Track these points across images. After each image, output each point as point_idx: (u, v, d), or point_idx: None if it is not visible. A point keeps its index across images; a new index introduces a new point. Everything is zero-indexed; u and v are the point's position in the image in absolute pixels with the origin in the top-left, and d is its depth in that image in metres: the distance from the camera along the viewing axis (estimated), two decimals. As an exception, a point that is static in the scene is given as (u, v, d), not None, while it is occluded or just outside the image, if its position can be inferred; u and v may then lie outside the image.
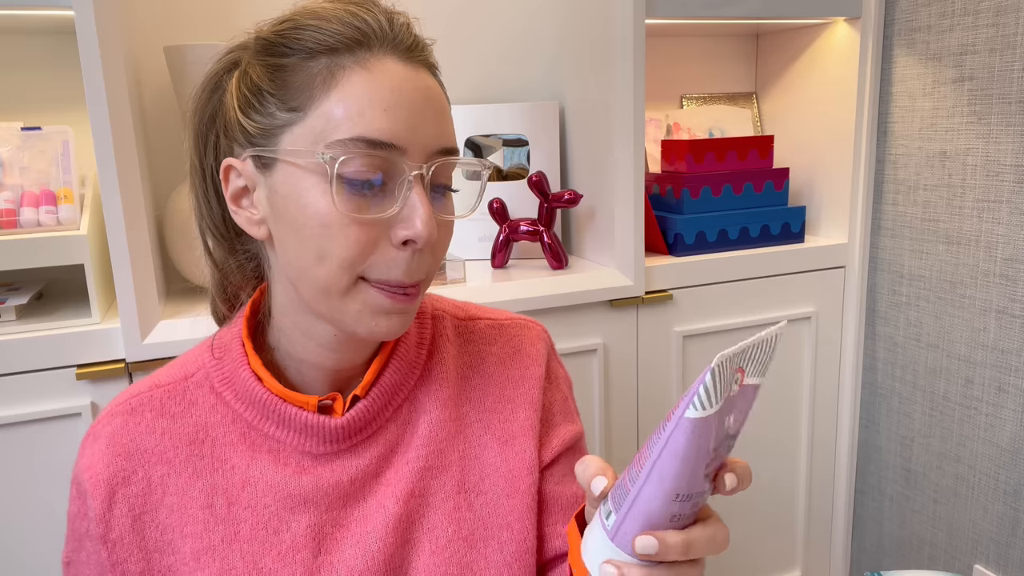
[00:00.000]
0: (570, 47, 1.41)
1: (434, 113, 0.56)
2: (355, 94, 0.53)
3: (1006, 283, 1.27)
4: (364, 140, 0.53)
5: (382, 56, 0.55)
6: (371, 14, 0.56)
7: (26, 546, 1.02)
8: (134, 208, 1.00)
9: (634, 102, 1.24)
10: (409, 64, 0.56)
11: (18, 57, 1.20)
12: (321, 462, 0.61)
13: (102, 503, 0.59)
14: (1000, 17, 1.23)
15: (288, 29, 0.55)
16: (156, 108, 1.27)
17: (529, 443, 0.66)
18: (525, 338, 0.71)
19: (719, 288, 1.38)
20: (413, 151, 0.54)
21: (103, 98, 0.95)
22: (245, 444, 0.61)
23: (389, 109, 0.53)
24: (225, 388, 0.62)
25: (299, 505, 0.60)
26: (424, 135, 0.55)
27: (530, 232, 1.34)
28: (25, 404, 0.99)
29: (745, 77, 1.68)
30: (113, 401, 0.64)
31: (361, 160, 0.53)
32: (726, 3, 1.31)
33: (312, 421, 0.60)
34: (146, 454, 0.60)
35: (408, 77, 0.55)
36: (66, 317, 1.04)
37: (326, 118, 0.53)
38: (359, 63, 0.54)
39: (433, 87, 0.57)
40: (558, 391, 0.72)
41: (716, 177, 1.39)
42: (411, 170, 0.54)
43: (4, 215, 1.00)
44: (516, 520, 0.64)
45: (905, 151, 1.42)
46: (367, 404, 0.62)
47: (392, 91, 0.54)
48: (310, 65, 0.54)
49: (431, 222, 0.54)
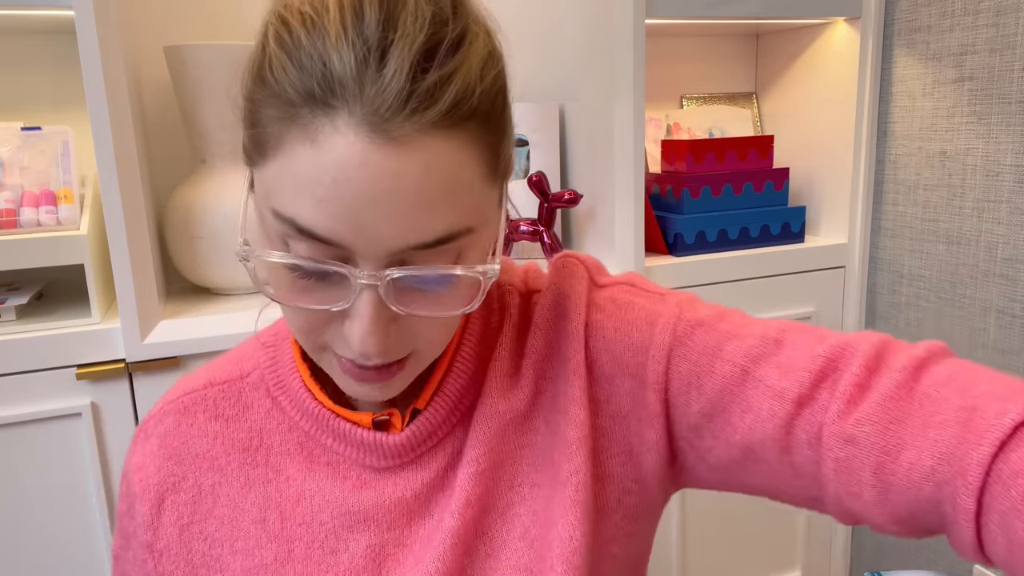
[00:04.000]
0: (570, 47, 1.41)
1: (400, 208, 0.41)
2: (293, 169, 0.41)
3: (1006, 283, 1.27)
4: (297, 227, 0.42)
5: (343, 121, 0.40)
6: (346, 53, 0.40)
7: (27, 546, 1.02)
8: (134, 208, 1.00)
9: (634, 102, 1.24)
10: (380, 137, 0.40)
11: (18, 57, 1.20)
12: (384, 476, 0.55)
13: (151, 509, 0.56)
14: (1000, 17, 1.23)
15: (277, 39, 0.43)
16: (156, 108, 1.27)
17: (579, 413, 0.54)
18: (565, 300, 0.58)
19: (719, 288, 1.38)
20: (363, 252, 0.42)
21: (103, 98, 0.95)
22: (302, 455, 0.56)
23: (324, 201, 0.41)
24: (281, 394, 0.57)
25: (358, 523, 0.54)
26: (376, 236, 0.42)
27: (530, 232, 1.34)
28: (25, 404, 0.99)
29: (745, 77, 1.68)
30: (166, 396, 0.59)
31: (299, 245, 0.43)
32: (726, 3, 1.31)
33: (368, 438, 0.55)
34: (197, 459, 0.56)
35: (366, 161, 0.40)
36: (66, 317, 1.04)
37: (271, 180, 0.43)
38: (306, 129, 0.41)
39: (410, 171, 0.41)
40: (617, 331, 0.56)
41: (716, 177, 1.39)
42: (357, 277, 0.43)
43: (4, 215, 1.00)
44: (560, 516, 0.53)
45: (905, 151, 1.42)
46: (428, 417, 0.55)
47: (334, 181, 0.40)
48: (272, 105, 0.42)
49: (371, 341, 0.44)
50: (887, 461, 0.46)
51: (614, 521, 0.56)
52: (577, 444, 0.54)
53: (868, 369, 0.48)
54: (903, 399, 0.47)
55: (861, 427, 0.47)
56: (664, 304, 0.56)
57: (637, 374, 0.55)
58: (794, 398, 0.49)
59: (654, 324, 0.55)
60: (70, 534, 1.04)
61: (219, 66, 1.11)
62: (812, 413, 0.49)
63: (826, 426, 0.48)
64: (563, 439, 0.55)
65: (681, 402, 0.54)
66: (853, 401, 0.47)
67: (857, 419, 0.47)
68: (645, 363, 0.54)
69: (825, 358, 0.50)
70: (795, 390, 0.49)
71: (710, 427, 0.53)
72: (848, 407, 0.47)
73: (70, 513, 1.04)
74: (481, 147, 0.44)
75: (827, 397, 0.49)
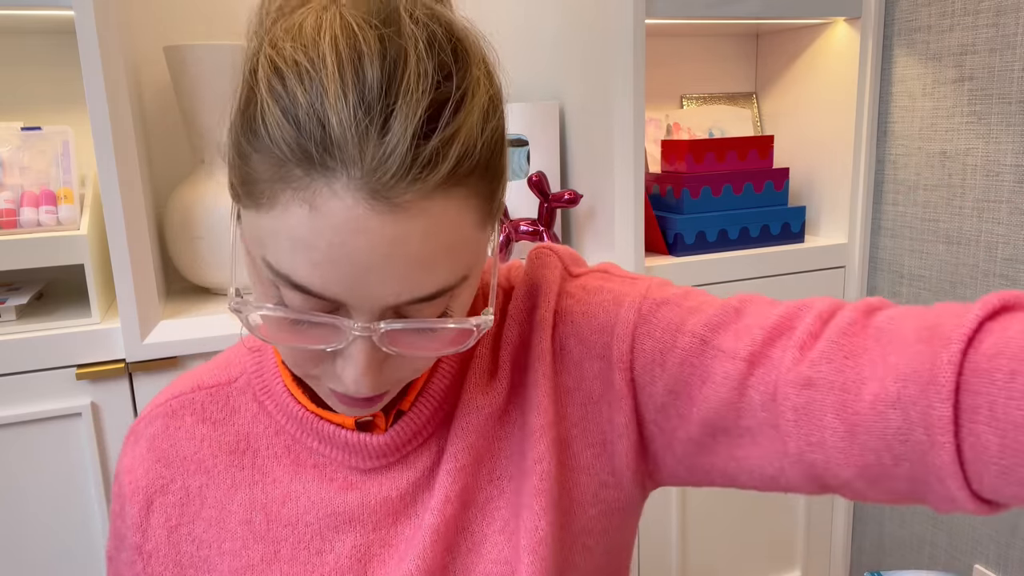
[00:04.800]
0: (570, 47, 1.41)
1: (398, 270, 0.41)
2: (288, 228, 0.40)
3: (1006, 283, 1.27)
4: (291, 282, 0.42)
5: (341, 185, 0.38)
6: (346, 115, 0.38)
7: (26, 546, 1.02)
8: (134, 208, 1.00)
9: (634, 102, 1.24)
10: (380, 204, 0.39)
11: (18, 57, 1.20)
12: (370, 476, 0.56)
13: (140, 511, 0.56)
14: (1000, 17, 1.23)
15: (269, 89, 0.40)
16: (156, 108, 1.27)
17: (542, 400, 0.54)
18: (537, 290, 0.58)
19: (719, 288, 1.38)
20: (357, 307, 0.42)
21: (103, 98, 0.95)
22: (289, 458, 0.56)
23: (320, 264, 0.40)
24: (266, 398, 0.58)
25: (344, 524, 0.55)
26: (371, 294, 0.41)
27: (530, 232, 1.34)
28: (25, 404, 0.99)
29: (745, 77, 1.68)
30: (155, 399, 0.60)
31: (291, 295, 0.42)
32: (726, 3, 1.31)
33: (352, 440, 0.55)
34: (185, 462, 0.57)
35: (365, 227, 0.39)
36: (66, 317, 1.04)
37: (264, 233, 0.42)
38: (300, 191, 0.39)
39: (410, 237, 0.40)
40: (582, 318, 0.56)
41: (716, 177, 1.39)
42: (351, 328, 0.43)
43: (4, 215, 1.00)
44: (526, 505, 0.53)
45: (905, 151, 1.42)
46: (412, 418, 0.55)
47: (330, 245, 0.39)
48: (265, 159, 0.40)
49: (364, 382, 0.45)
50: (848, 399, 0.43)
51: (590, 515, 0.56)
52: (540, 432, 0.54)
53: (822, 320, 0.47)
54: (857, 335, 0.45)
55: (816, 367, 0.44)
56: (633, 286, 0.56)
57: (604, 355, 0.54)
58: (745, 356, 0.48)
59: (620, 304, 0.54)
60: (70, 534, 1.04)
61: (219, 66, 1.11)
62: (766, 372, 0.47)
63: (781, 379, 0.46)
64: (529, 428, 0.54)
65: (647, 381, 0.53)
66: (806, 347, 0.46)
67: (811, 360, 0.45)
68: (610, 343, 0.54)
69: (779, 316, 0.49)
70: (747, 348, 0.48)
71: (675, 404, 0.52)
72: (801, 353, 0.46)
73: (70, 513, 1.04)
74: (480, 199, 0.43)
75: (780, 354, 0.47)
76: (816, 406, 0.44)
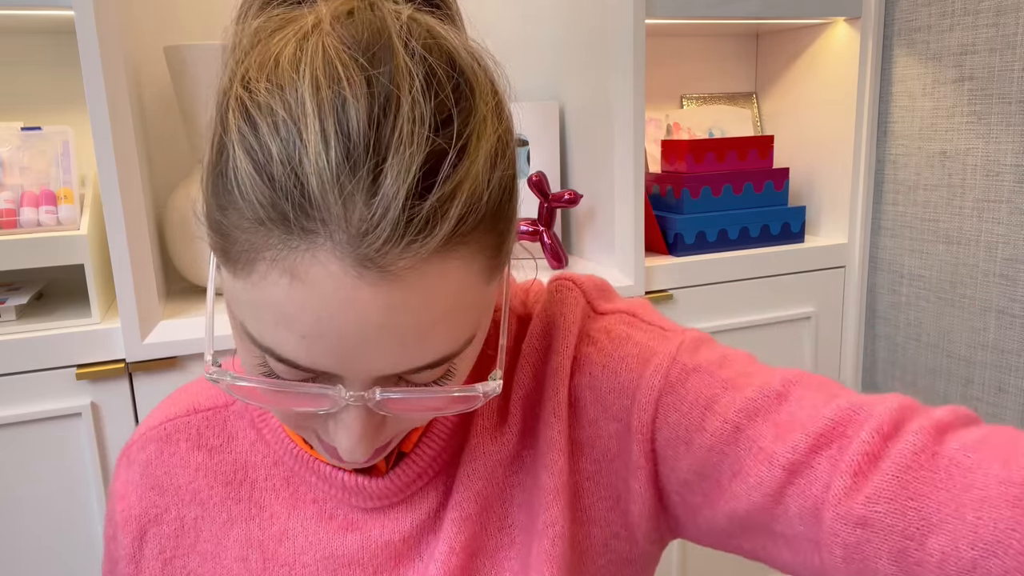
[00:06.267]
0: (570, 47, 1.41)
1: (393, 342, 0.36)
2: (268, 298, 0.35)
3: (1006, 283, 1.27)
4: (275, 355, 0.38)
5: (324, 252, 0.34)
6: (328, 175, 0.33)
7: (26, 546, 1.02)
8: (134, 208, 1.00)
9: (634, 102, 1.24)
10: (370, 273, 0.34)
11: (18, 57, 1.20)
12: (371, 516, 0.52)
13: (132, 541, 0.54)
14: (1000, 17, 1.23)
15: (240, 140, 0.35)
16: (156, 108, 1.27)
17: (558, 459, 0.50)
18: (555, 330, 0.53)
19: (719, 288, 1.38)
20: (349, 379, 0.38)
21: (103, 98, 0.95)
22: (288, 490, 0.53)
23: (307, 338, 0.36)
24: (264, 426, 0.54)
25: (342, 567, 0.51)
26: (364, 367, 0.37)
27: (530, 232, 1.34)
28: (25, 404, 0.99)
29: (745, 77, 1.68)
30: (149, 420, 0.57)
31: (277, 365, 0.39)
32: (726, 3, 1.31)
33: (350, 482, 0.51)
34: (180, 491, 0.54)
35: (354, 298, 0.34)
36: (66, 317, 1.04)
37: (244, 300, 0.38)
38: (279, 260, 0.34)
39: (405, 305, 0.35)
40: (602, 370, 0.51)
41: (716, 177, 1.39)
42: (344, 398, 0.39)
43: (4, 215, 1.00)
44: (535, 570, 0.49)
45: (905, 151, 1.42)
46: (414, 460, 0.51)
47: (317, 320, 0.35)
48: (238, 219, 0.36)
49: (360, 450, 0.41)
50: (910, 547, 0.37)
51: (599, 564, 0.53)
52: (554, 494, 0.50)
53: (882, 436, 0.40)
54: (924, 468, 0.38)
55: (874, 507, 0.39)
56: (664, 342, 0.50)
57: (622, 418, 0.49)
58: (785, 464, 0.42)
59: (646, 363, 0.49)
60: (70, 534, 1.04)
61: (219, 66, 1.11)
62: (807, 484, 0.41)
63: (829, 506, 0.40)
64: (541, 487, 0.50)
65: (669, 455, 0.48)
66: (862, 473, 0.40)
67: (868, 497, 0.39)
68: (631, 408, 0.49)
69: (830, 420, 0.42)
70: (787, 456, 0.42)
71: (701, 485, 0.47)
72: (856, 481, 0.39)
73: (70, 513, 1.04)
74: (486, 253, 0.38)
75: (828, 468, 0.41)
76: (870, 548, 0.39)
